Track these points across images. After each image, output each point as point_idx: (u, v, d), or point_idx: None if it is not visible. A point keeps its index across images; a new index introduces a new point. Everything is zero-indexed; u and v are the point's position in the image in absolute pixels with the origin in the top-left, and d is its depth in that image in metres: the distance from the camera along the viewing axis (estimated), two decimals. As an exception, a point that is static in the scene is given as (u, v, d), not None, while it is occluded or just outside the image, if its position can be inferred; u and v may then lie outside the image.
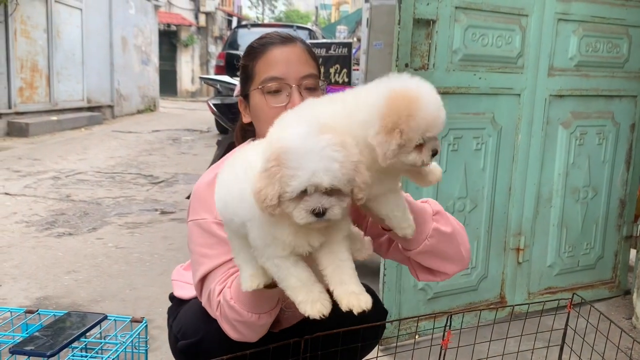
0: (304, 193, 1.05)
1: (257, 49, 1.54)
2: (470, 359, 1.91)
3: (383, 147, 1.09)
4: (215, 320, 1.36)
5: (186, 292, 1.62)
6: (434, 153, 1.14)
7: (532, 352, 2.04)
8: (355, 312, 1.09)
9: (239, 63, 1.59)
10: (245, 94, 1.54)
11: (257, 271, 1.23)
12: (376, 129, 1.10)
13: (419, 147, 1.12)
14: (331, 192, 1.06)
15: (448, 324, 1.63)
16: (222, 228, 1.32)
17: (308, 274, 1.15)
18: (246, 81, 1.54)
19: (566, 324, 1.88)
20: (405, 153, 1.12)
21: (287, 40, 1.54)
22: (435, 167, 1.27)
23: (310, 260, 1.16)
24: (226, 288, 1.32)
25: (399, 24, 2.35)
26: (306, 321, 1.20)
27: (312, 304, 1.13)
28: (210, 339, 1.40)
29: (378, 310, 1.62)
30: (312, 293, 1.13)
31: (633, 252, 3.38)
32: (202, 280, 1.41)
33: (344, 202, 1.08)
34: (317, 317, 1.10)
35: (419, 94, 1.12)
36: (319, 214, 1.05)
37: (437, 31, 2.45)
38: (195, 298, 1.50)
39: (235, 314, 1.29)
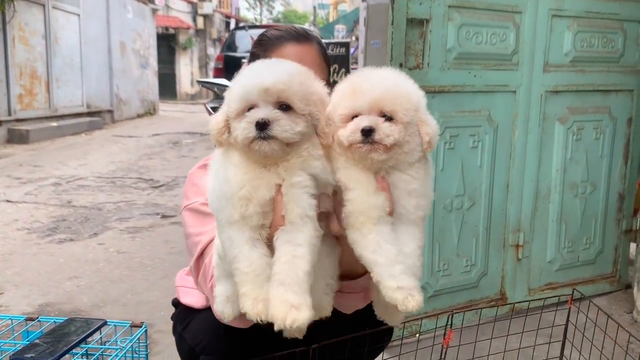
0: (251, 109, 0.95)
1: (271, 41, 1.48)
2: (472, 357, 1.92)
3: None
4: (238, 336, 1.31)
5: (193, 298, 1.55)
6: (365, 132, 1.01)
7: (534, 349, 2.05)
8: (276, 327, 0.93)
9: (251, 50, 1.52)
10: None
11: (234, 294, 1.09)
12: None
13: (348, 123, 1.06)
14: (286, 109, 0.95)
15: (449, 322, 1.64)
16: None
17: (263, 264, 0.97)
18: None
19: (567, 320, 1.88)
20: (337, 127, 1.06)
21: (303, 38, 1.48)
22: (405, 303, 1.03)
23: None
24: None
25: (392, 24, 2.35)
26: (313, 324, 1.10)
27: (253, 302, 0.95)
28: (233, 356, 1.37)
29: None
30: (259, 290, 0.96)
31: (633, 246, 3.38)
32: (199, 258, 1.35)
33: (298, 126, 0.96)
34: (255, 320, 0.96)
35: (364, 70, 1.12)
36: (262, 125, 0.92)
37: (431, 30, 2.46)
38: (208, 310, 1.43)
39: None
